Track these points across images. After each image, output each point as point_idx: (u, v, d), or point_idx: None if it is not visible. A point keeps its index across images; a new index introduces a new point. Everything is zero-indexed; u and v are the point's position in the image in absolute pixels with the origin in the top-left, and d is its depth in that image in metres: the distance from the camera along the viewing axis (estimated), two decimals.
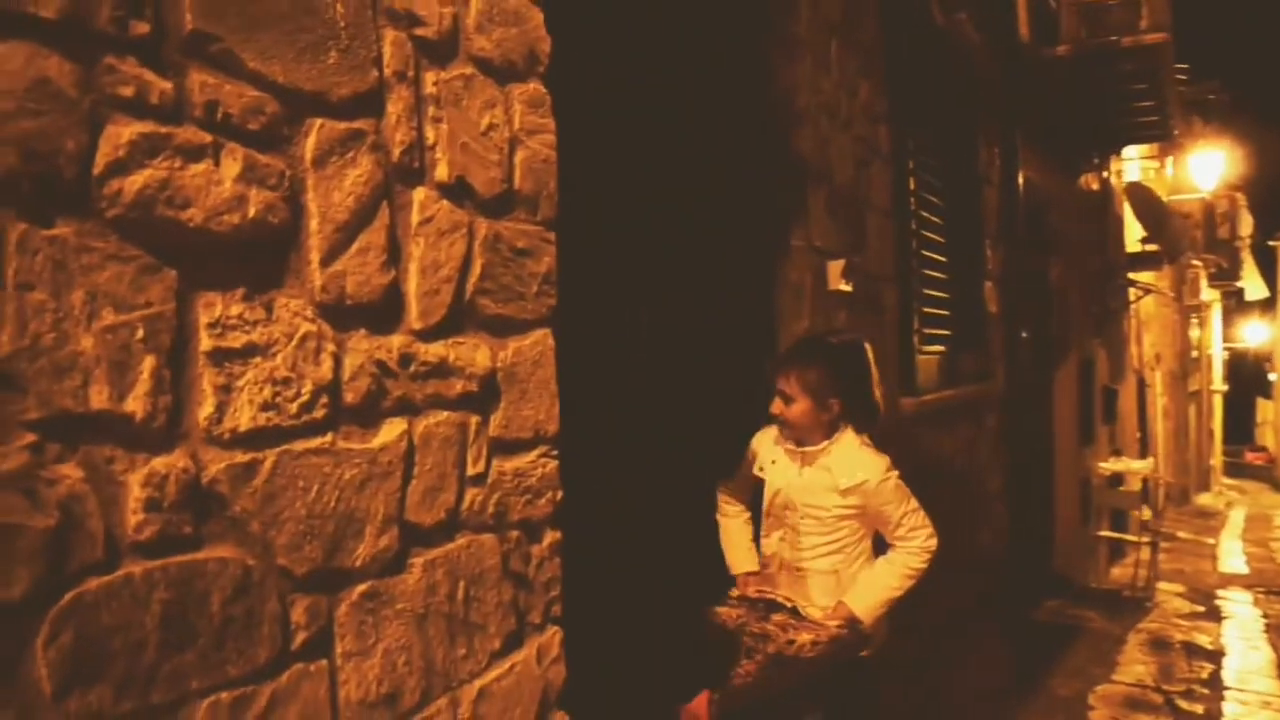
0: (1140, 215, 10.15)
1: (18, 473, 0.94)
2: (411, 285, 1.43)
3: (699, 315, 2.70)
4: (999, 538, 5.71)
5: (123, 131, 1.04)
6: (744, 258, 2.96)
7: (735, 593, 2.44)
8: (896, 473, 2.40)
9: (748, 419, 2.60)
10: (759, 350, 2.96)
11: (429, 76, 1.48)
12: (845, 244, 3.46)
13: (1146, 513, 8.71)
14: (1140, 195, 10.21)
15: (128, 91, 1.05)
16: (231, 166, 1.16)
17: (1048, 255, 7.34)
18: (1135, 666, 5.72)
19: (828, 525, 2.37)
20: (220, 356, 1.14)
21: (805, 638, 2.22)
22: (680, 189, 2.58)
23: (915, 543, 2.38)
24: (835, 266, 3.34)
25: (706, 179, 2.74)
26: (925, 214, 4.58)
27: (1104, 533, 9.05)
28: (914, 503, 2.41)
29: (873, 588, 2.34)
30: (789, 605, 2.29)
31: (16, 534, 0.94)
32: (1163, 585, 8.23)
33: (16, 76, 0.95)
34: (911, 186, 4.37)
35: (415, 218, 1.44)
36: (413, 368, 1.43)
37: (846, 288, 3.37)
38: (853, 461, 2.36)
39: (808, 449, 2.38)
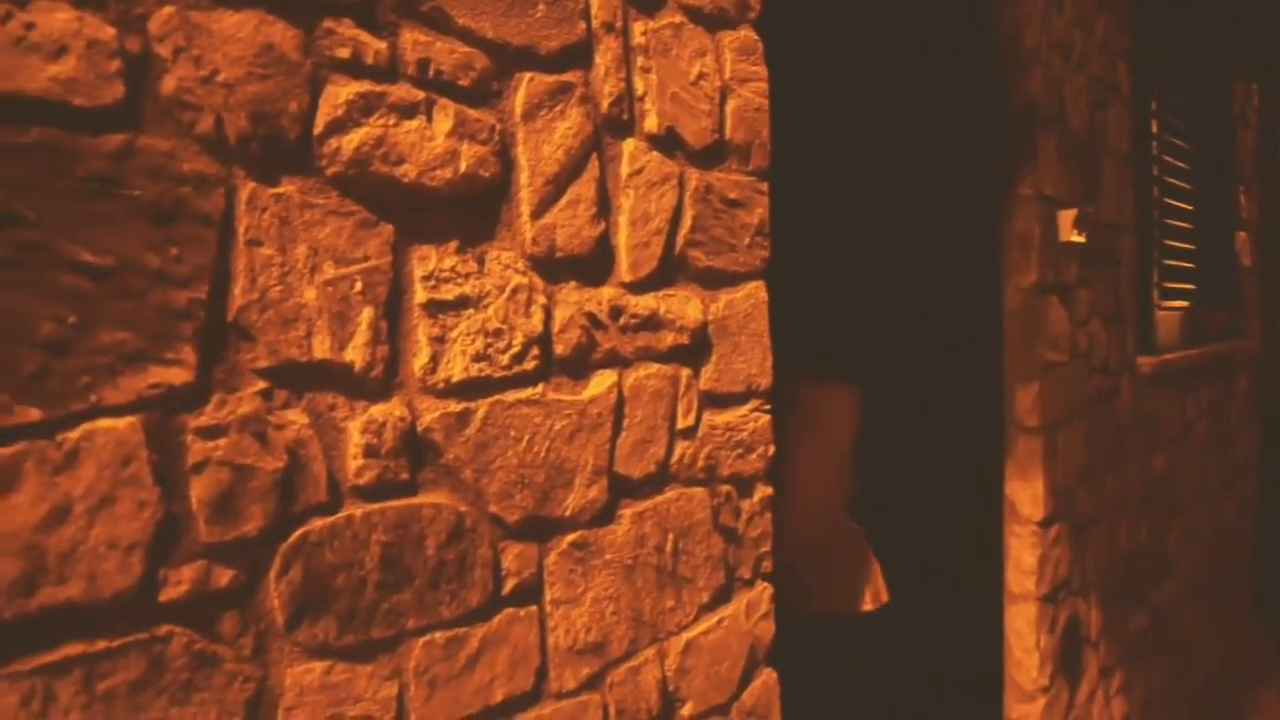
0: None
1: (250, 417, 1.00)
2: (621, 237, 1.44)
3: (917, 269, 2.59)
4: (1245, 510, 5.28)
5: (340, 91, 1.08)
6: (966, 208, 2.82)
7: None
8: None
9: (967, 377, 2.49)
10: (982, 305, 2.83)
11: (637, 26, 1.47)
12: (1078, 192, 3.24)
13: None
14: None
15: (345, 53, 1.09)
16: (443, 122, 1.19)
17: None
18: None
19: None
20: (434, 308, 1.18)
21: None
22: (896, 135, 2.48)
23: None
24: (1066, 216, 3.13)
25: (926, 124, 2.62)
26: (1169, 158, 4.23)
27: None
28: None
29: None
30: None
31: (250, 474, 1.00)
32: None
33: (246, 44, 1.00)
34: (1154, 129, 4.04)
35: (625, 169, 1.44)
36: (623, 320, 1.43)
37: (1079, 239, 3.16)
38: None
39: None
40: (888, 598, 2.37)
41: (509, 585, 1.27)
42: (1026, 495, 2.98)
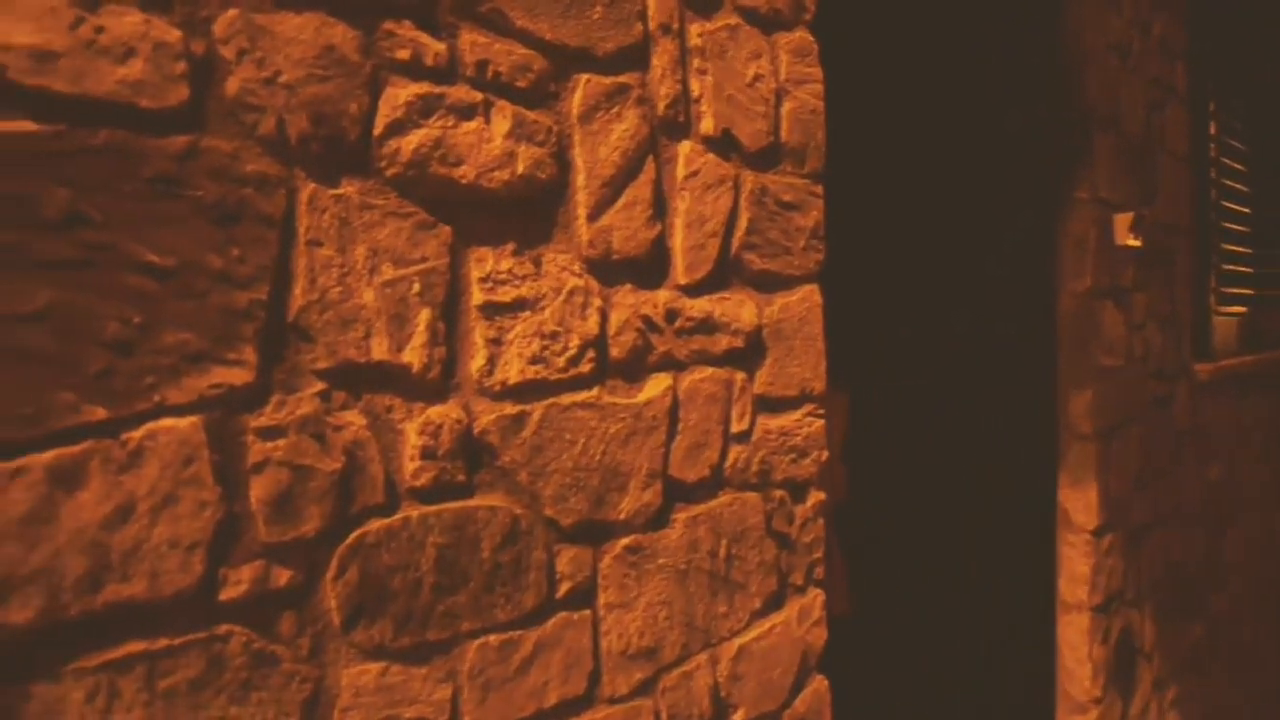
0: None
1: (309, 418, 1.01)
2: (677, 240, 1.43)
3: (970, 271, 2.56)
4: None
5: (400, 93, 1.08)
6: (1020, 210, 2.78)
7: None
8: None
9: (1020, 381, 2.46)
10: (1035, 308, 2.79)
11: (694, 28, 1.46)
12: (1134, 195, 3.18)
13: None
14: None
15: (404, 54, 1.09)
16: (501, 124, 1.18)
17: None
18: None
19: None
20: (491, 310, 1.18)
21: None
22: (950, 136, 2.46)
23: None
24: (1123, 220, 3.08)
25: (980, 126, 2.59)
26: (1227, 160, 4.15)
27: None
28: None
29: None
30: None
31: (309, 475, 1.01)
32: None
33: (307, 45, 1.01)
34: (1212, 130, 3.96)
35: (681, 171, 1.43)
36: (678, 323, 1.42)
37: (1135, 242, 3.10)
38: None
39: None
40: (849, 610, 2.32)
41: (563, 589, 1.27)
42: (1080, 503, 2.93)
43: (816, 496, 1.71)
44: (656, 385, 1.39)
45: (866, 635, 2.30)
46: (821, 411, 1.73)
